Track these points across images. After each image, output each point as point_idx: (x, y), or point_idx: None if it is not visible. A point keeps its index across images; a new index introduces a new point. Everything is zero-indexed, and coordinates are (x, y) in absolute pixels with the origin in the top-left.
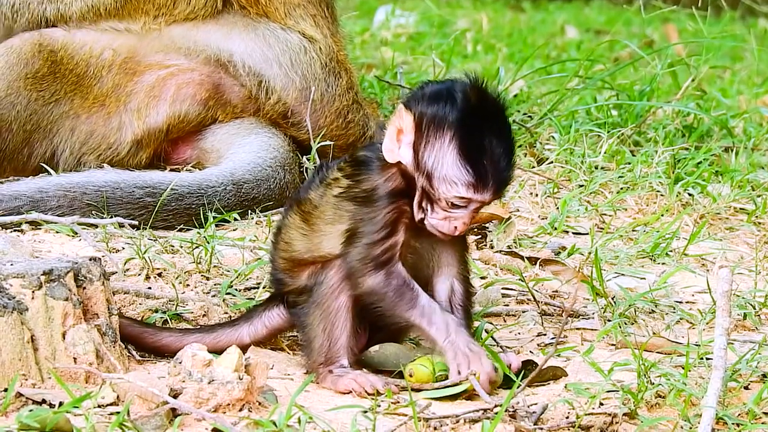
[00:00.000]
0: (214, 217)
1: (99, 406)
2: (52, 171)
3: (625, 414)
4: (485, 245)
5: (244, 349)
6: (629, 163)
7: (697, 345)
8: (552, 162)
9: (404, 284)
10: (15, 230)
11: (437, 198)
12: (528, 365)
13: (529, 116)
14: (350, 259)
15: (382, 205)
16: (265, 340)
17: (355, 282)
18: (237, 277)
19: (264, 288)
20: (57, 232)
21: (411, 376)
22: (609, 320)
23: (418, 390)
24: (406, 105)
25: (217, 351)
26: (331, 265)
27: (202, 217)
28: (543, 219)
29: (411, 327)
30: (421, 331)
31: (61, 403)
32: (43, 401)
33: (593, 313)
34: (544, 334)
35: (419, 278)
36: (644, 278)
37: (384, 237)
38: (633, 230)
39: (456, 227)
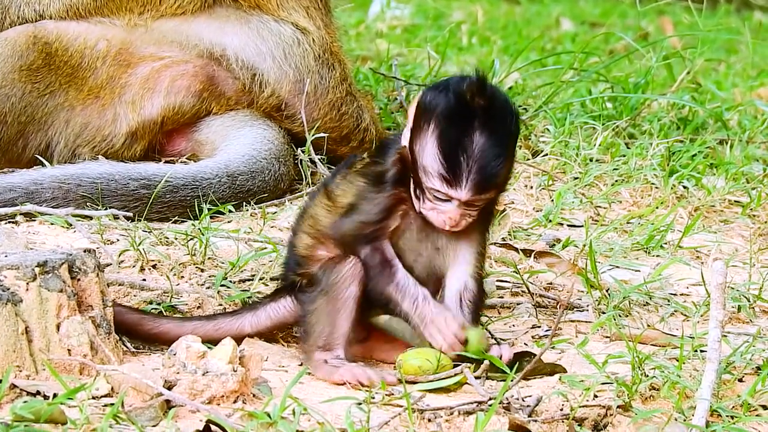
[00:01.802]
0: (208, 209)
1: (93, 398)
2: (46, 163)
3: (619, 406)
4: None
5: (243, 339)
6: (624, 156)
7: (691, 337)
8: (547, 154)
9: (386, 260)
10: (9, 222)
11: (422, 187)
12: (524, 357)
13: (524, 108)
14: (342, 229)
15: (385, 189)
16: (268, 332)
17: (344, 250)
18: (232, 269)
19: (260, 280)
20: (51, 224)
21: (400, 367)
22: (603, 312)
23: (413, 382)
24: (422, 90)
25: (216, 340)
26: (345, 259)
27: (196, 208)
28: (538, 211)
29: (388, 301)
30: (396, 305)
31: (55, 395)
32: (38, 393)
33: (588, 306)
34: (539, 326)
35: (433, 273)
36: (639, 270)
37: (377, 220)
38: (628, 222)
39: (445, 221)
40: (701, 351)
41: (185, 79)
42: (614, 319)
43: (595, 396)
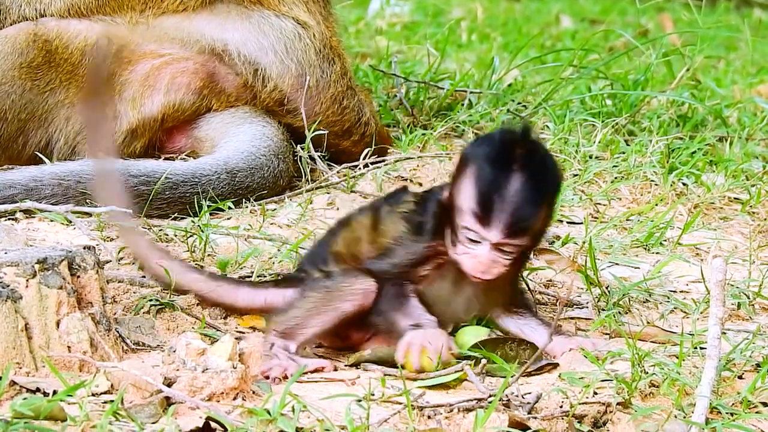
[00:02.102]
0: (208, 206)
1: (93, 395)
2: (46, 160)
3: (619, 403)
4: None
5: (233, 310)
6: (623, 153)
7: (691, 334)
8: None
9: (402, 293)
10: (9, 219)
11: (456, 227)
12: (528, 347)
13: (524, 106)
14: (373, 268)
15: (423, 240)
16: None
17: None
18: (231, 266)
19: (258, 277)
20: (51, 221)
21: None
22: (603, 309)
23: (413, 379)
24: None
25: (208, 300)
26: (365, 279)
27: (196, 205)
28: None
29: (393, 326)
30: (398, 327)
31: (55, 392)
32: (37, 390)
33: (587, 303)
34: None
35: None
36: (638, 268)
37: (409, 266)
38: (627, 220)
39: (476, 265)
40: (701, 348)
41: (185, 76)
42: (614, 316)
43: (595, 393)
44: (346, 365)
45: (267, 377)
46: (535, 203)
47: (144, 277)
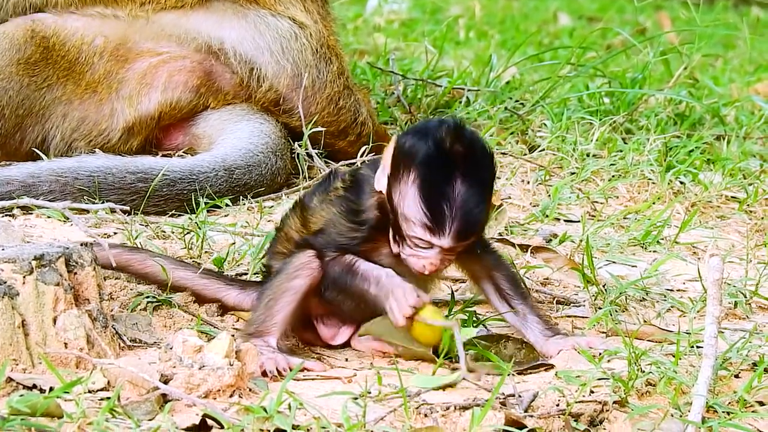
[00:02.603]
0: (205, 203)
1: (89, 392)
2: (44, 156)
3: (615, 402)
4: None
5: (224, 308)
6: (621, 151)
7: (687, 333)
8: (544, 149)
9: (349, 262)
10: (6, 215)
11: (403, 235)
12: (523, 347)
13: (521, 103)
14: (311, 243)
15: (360, 232)
16: (246, 311)
17: (318, 266)
18: (228, 263)
19: (255, 273)
20: (48, 218)
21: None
22: (600, 308)
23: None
24: (397, 135)
25: (200, 296)
26: (300, 251)
27: (193, 202)
28: (534, 206)
29: (360, 294)
30: (365, 293)
31: (51, 389)
32: (34, 386)
33: (584, 301)
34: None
35: None
36: (635, 266)
37: (347, 246)
38: (624, 218)
39: (425, 266)
40: (697, 347)
41: (182, 74)
42: (610, 315)
43: (591, 391)
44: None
45: (264, 373)
46: (482, 203)
47: (140, 283)
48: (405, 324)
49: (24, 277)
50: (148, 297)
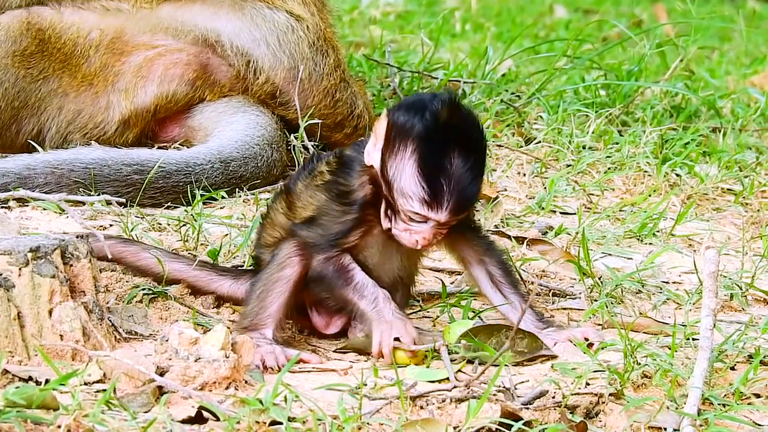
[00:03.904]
0: (201, 195)
1: (85, 384)
2: (39, 148)
3: (611, 394)
4: None
5: (218, 298)
6: (617, 143)
7: (683, 325)
8: (540, 142)
9: (343, 267)
10: (2, 207)
11: (397, 209)
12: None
13: (518, 96)
14: (300, 235)
15: (352, 212)
16: (240, 301)
17: (307, 254)
18: (224, 255)
19: (251, 266)
20: (44, 210)
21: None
22: (596, 300)
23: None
24: (388, 109)
25: (193, 288)
26: (288, 241)
27: (189, 194)
28: (530, 198)
29: (345, 303)
30: (355, 306)
31: (47, 381)
32: (30, 378)
33: (580, 293)
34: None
35: (399, 280)
36: (631, 258)
37: (340, 237)
38: (620, 210)
39: (417, 240)
40: (693, 339)
41: (178, 67)
42: (606, 307)
43: (587, 384)
44: (334, 350)
45: (264, 367)
46: (478, 176)
47: (135, 275)
48: (387, 356)
49: (20, 269)
50: (144, 289)
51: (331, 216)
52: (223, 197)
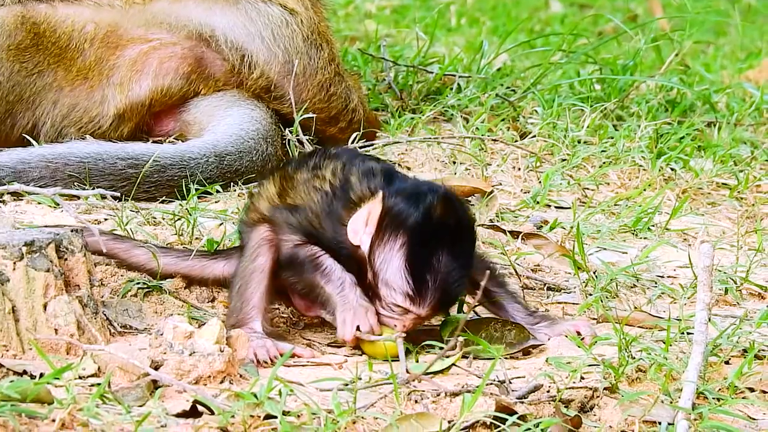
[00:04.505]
0: (196, 189)
1: (80, 378)
2: (34, 142)
3: (605, 388)
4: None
5: (215, 281)
6: (612, 138)
7: (678, 320)
8: (535, 136)
9: (313, 253)
10: None
11: (379, 296)
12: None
13: (513, 90)
14: (278, 218)
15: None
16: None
17: (276, 240)
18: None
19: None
20: (39, 203)
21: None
22: (590, 294)
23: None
24: (384, 192)
25: (188, 278)
26: (257, 228)
27: (184, 189)
28: (525, 193)
29: (312, 287)
30: (320, 288)
31: (42, 375)
32: (24, 372)
33: (575, 287)
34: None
35: None
36: (626, 253)
37: (315, 236)
38: (615, 204)
39: (395, 326)
40: (688, 333)
41: (173, 61)
42: (601, 301)
43: (582, 378)
44: (328, 344)
45: (258, 361)
46: (464, 276)
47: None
48: (350, 342)
49: (14, 263)
50: (138, 283)
51: (317, 220)
52: (218, 191)
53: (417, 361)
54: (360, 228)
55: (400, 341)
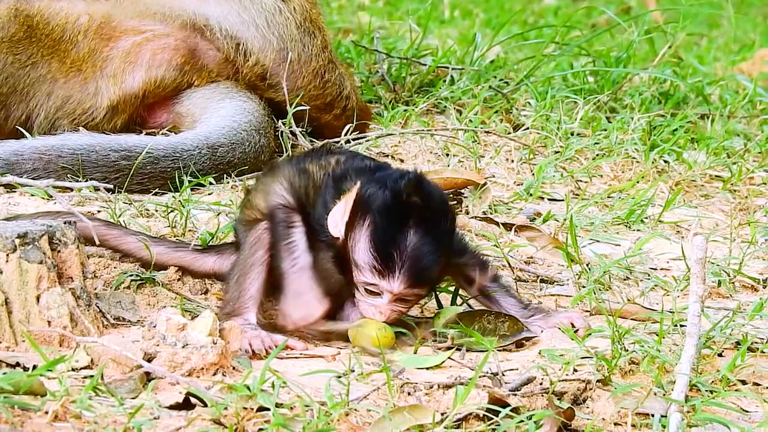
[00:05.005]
0: (189, 181)
1: (73, 370)
2: (27, 134)
3: (598, 380)
4: (460, 211)
5: (206, 274)
6: (605, 130)
7: (671, 312)
8: (528, 128)
9: (291, 221)
10: None
11: (355, 282)
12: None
13: (506, 82)
14: (281, 173)
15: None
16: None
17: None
18: (212, 241)
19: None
20: (32, 195)
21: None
22: (583, 287)
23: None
24: (360, 184)
25: (183, 268)
26: (256, 225)
27: (177, 180)
28: (518, 185)
29: (276, 254)
30: (280, 260)
31: (35, 367)
32: (17, 364)
33: (568, 280)
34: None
35: None
36: (619, 245)
37: (302, 205)
38: (608, 197)
39: (375, 314)
40: (681, 326)
41: (166, 52)
42: (594, 294)
43: (575, 370)
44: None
45: (252, 352)
46: (434, 253)
47: (123, 261)
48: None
49: (7, 255)
50: (131, 275)
51: (313, 194)
52: (210, 183)
53: (416, 352)
54: (338, 219)
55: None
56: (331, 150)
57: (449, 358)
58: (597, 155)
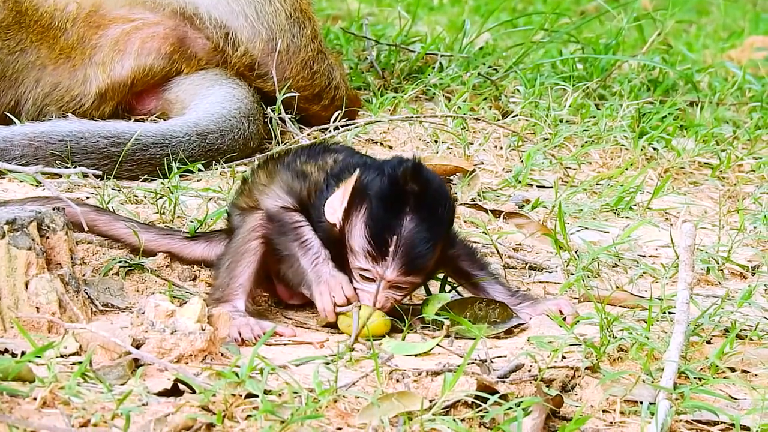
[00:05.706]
0: (178, 168)
1: (61, 356)
2: (16, 120)
3: (587, 368)
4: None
5: (194, 261)
6: (594, 117)
7: (660, 299)
8: (517, 115)
9: (295, 221)
10: None
11: (351, 268)
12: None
13: (495, 69)
14: (279, 177)
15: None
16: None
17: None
18: (201, 228)
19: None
20: (21, 182)
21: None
22: (572, 274)
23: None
24: (359, 172)
25: (171, 254)
26: (252, 213)
27: (166, 167)
28: (507, 172)
29: (289, 256)
30: (296, 260)
31: (23, 353)
32: (6, 351)
33: (556, 267)
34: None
35: None
36: (608, 232)
37: (303, 203)
38: (597, 184)
39: (370, 301)
40: (670, 313)
41: (155, 41)
42: (583, 281)
43: (563, 357)
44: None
45: (241, 339)
46: (429, 240)
47: (112, 247)
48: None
49: None
50: (120, 261)
51: (314, 193)
52: (199, 170)
53: (404, 339)
54: (336, 206)
55: (355, 311)
56: (327, 147)
57: (438, 345)
58: (586, 142)
